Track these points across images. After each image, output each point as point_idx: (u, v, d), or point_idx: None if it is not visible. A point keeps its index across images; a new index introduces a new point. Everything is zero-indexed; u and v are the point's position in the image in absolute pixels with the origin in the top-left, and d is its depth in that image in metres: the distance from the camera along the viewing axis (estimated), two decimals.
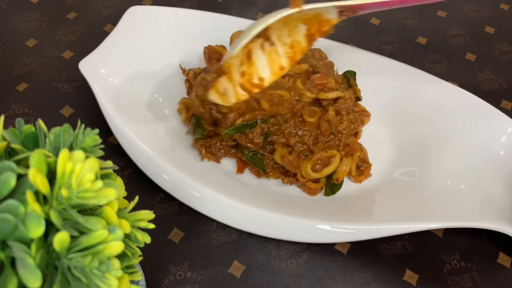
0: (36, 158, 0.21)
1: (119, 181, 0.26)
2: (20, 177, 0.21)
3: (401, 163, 0.44)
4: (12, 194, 0.21)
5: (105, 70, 0.46)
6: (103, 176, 0.25)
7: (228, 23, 0.49)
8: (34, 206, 0.20)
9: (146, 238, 0.26)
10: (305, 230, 0.38)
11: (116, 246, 0.21)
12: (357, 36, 0.57)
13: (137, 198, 0.27)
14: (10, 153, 0.24)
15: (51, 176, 0.22)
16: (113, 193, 0.22)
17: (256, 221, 0.39)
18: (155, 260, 0.38)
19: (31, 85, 0.51)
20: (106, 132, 0.44)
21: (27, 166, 0.21)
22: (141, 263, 0.36)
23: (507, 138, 0.42)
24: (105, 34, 0.55)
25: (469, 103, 0.44)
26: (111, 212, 0.23)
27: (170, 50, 0.50)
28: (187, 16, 0.51)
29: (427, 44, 0.57)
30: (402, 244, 0.40)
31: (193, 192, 0.40)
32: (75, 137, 0.25)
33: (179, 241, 0.40)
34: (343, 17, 0.37)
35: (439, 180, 0.41)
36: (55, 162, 0.22)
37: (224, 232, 0.40)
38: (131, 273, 0.26)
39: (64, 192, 0.21)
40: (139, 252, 0.27)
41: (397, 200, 0.40)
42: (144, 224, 0.26)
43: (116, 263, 0.22)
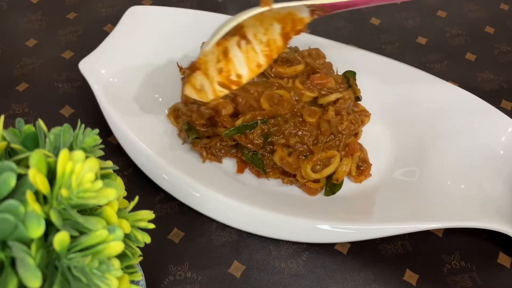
0: (36, 158, 0.21)
1: (119, 181, 0.26)
2: (20, 177, 0.21)
3: (401, 163, 0.44)
4: (12, 194, 0.21)
5: (105, 70, 0.46)
6: (103, 176, 0.25)
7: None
8: (34, 206, 0.20)
9: (146, 238, 0.26)
10: (305, 230, 0.38)
11: (116, 246, 0.21)
12: (357, 36, 0.57)
13: (137, 198, 0.27)
14: (10, 153, 0.24)
15: (51, 176, 0.22)
16: (113, 193, 0.22)
17: (256, 221, 0.39)
18: (155, 260, 0.38)
19: (31, 85, 0.51)
20: (106, 132, 0.45)
21: (27, 166, 0.21)
22: (141, 263, 0.36)
23: (507, 138, 0.42)
24: (105, 34, 0.55)
25: (469, 103, 0.44)
26: (111, 212, 0.23)
27: (170, 50, 0.50)
28: (187, 16, 0.51)
29: (427, 44, 0.57)
30: (402, 244, 0.40)
31: (193, 192, 0.40)
32: (75, 137, 0.25)
33: (179, 241, 0.40)
34: (315, 16, 0.39)
35: (439, 180, 0.41)
36: (55, 162, 0.22)
37: (224, 232, 0.40)
38: (131, 273, 0.26)
39: (64, 192, 0.21)
40: (139, 252, 0.27)
41: (397, 200, 0.40)
42: (144, 224, 0.26)
43: (116, 263, 0.22)
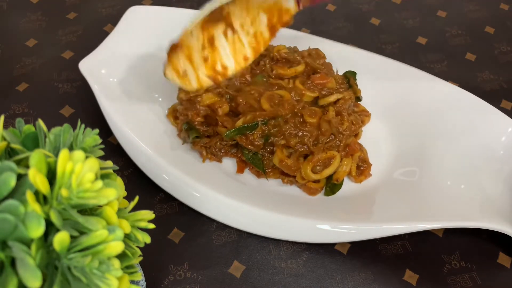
0: (36, 158, 0.21)
1: (119, 181, 0.26)
2: (20, 177, 0.21)
3: (401, 163, 0.44)
4: (12, 194, 0.21)
5: (105, 70, 0.46)
6: (103, 176, 0.25)
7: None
8: (34, 206, 0.20)
9: (146, 238, 0.26)
10: (305, 230, 0.38)
11: (116, 246, 0.21)
12: (357, 36, 0.57)
13: (137, 198, 0.27)
14: (10, 153, 0.24)
15: (51, 176, 0.22)
16: (113, 193, 0.22)
17: (256, 221, 0.39)
18: (155, 260, 0.38)
19: (31, 85, 0.51)
20: (106, 132, 0.45)
21: (27, 166, 0.21)
22: (141, 263, 0.36)
23: (507, 138, 0.42)
24: (105, 34, 0.55)
25: (469, 103, 0.44)
26: (111, 212, 0.23)
27: None
28: (187, 16, 0.51)
29: (427, 44, 0.57)
30: (402, 244, 0.40)
31: (193, 192, 0.40)
32: (75, 137, 0.25)
33: (179, 241, 0.40)
34: (301, 7, 0.39)
35: (439, 180, 0.41)
36: (55, 162, 0.22)
37: (224, 232, 0.40)
38: (131, 273, 0.26)
39: (64, 192, 0.21)
40: (139, 252, 0.27)
41: (397, 200, 0.40)
42: (144, 224, 0.26)
43: (116, 263, 0.22)
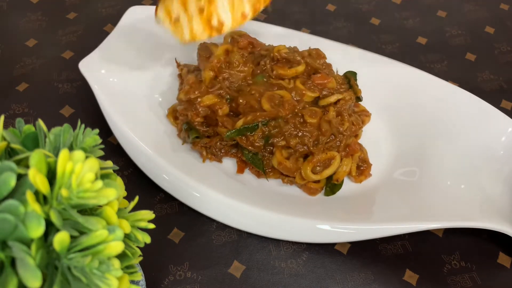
0: (36, 158, 0.21)
1: (119, 181, 0.26)
2: (20, 177, 0.21)
3: (401, 163, 0.44)
4: (12, 194, 0.21)
5: (105, 70, 0.46)
6: (103, 176, 0.25)
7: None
8: (34, 206, 0.20)
9: (146, 238, 0.26)
10: (305, 230, 0.38)
11: (116, 246, 0.21)
12: (357, 36, 0.57)
13: (137, 198, 0.27)
14: (10, 153, 0.24)
15: (51, 176, 0.22)
16: (113, 193, 0.22)
17: (256, 221, 0.39)
18: (155, 260, 0.38)
19: (31, 85, 0.51)
20: (106, 132, 0.45)
21: (27, 166, 0.21)
22: (141, 263, 0.36)
23: (507, 138, 0.42)
24: (105, 34, 0.55)
25: (469, 103, 0.44)
26: (111, 212, 0.23)
27: (170, 50, 0.50)
28: None
29: (427, 44, 0.57)
30: (402, 244, 0.40)
31: (193, 192, 0.40)
32: (75, 137, 0.25)
33: (179, 241, 0.40)
34: None
35: (439, 180, 0.41)
36: (55, 162, 0.22)
37: (224, 232, 0.40)
38: (131, 273, 0.26)
39: (64, 192, 0.21)
40: (139, 252, 0.27)
41: (397, 200, 0.40)
42: (144, 224, 0.26)
43: (116, 263, 0.22)
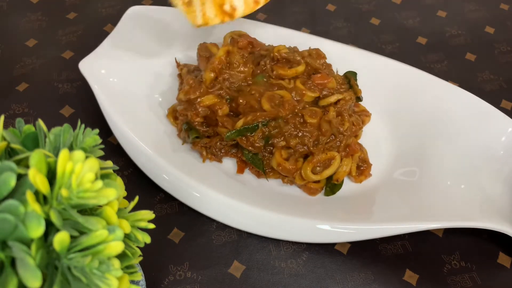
0: (36, 158, 0.21)
1: (119, 181, 0.26)
2: (20, 177, 0.21)
3: (401, 163, 0.44)
4: (12, 194, 0.21)
5: (105, 70, 0.46)
6: (103, 176, 0.25)
7: (228, 23, 0.49)
8: (34, 206, 0.20)
9: (146, 238, 0.26)
10: (305, 230, 0.38)
11: (116, 246, 0.21)
12: (357, 36, 0.57)
13: (137, 198, 0.27)
14: (10, 153, 0.24)
15: (51, 176, 0.22)
16: (113, 193, 0.22)
17: (256, 221, 0.39)
18: (155, 260, 0.38)
19: (31, 85, 0.51)
20: (106, 132, 0.45)
21: (27, 166, 0.21)
22: (141, 263, 0.36)
23: (507, 138, 0.42)
24: (105, 34, 0.55)
25: (469, 103, 0.44)
26: (111, 212, 0.23)
27: (170, 50, 0.50)
28: None
29: (427, 44, 0.57)
30: (402, 244, 0.40)
31: (193, 192, 0.40)
32: (75, 137, 0.25)
33: (179, 241, 0.40)
34: None
35: (439, 180, 0.41)
36: (55, 162, 0.22)
37: (224, 232, 0.40)
38: (131, 273, 0.26)
39: (64, 192, 0.21)
40: (139, 252, 0.27)
41: (397, 200, 0.40)
42: (144, 224, 0.26)
43: (116, 263, 0.22)
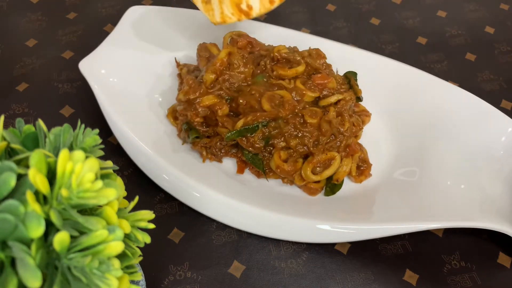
0: (36, 158, 0.21)
1: (119, 181, 0.26)
2: (20, 177, 0.21)
3: (401, 163, 0.44)
4: (12, 194, 0.21)
5: (105, 70, 0.46)
6: (103, 176, 0.25)
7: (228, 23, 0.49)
8: (34, 206, 0.20)
9: (146, 238, 0.26)
10: (305, 230, 0.38)
11: (116, 246, 0.21)
12: (357, 36, 0.57)
13: (137, 198, 0.27)
14: (10, 153, 0.24)
15: (51, 176, 0.22)
16: (113, 193, 0.22)
17: (256, 221, 0.39)
18: (155, 260, 0.38)
19: (31, 85, 0.51)
20: (106, 132, 0.45)
21: (27, 166, 0.21)
22: (141, 263, 0.36)
23: (507, 138, 0.42)
24: (105, 34, 0.55)
25: (469, 103, 0.44)
26: (111, 212, 0.23)
27: (170, 50, 0.50)
28: (187, 16, 0.51)
29: (427, 44, 0.57)
30: (402, 244, 0.40)
31: (193, 192, 0.40)
32: (75, 137, 0.25)
33: (179, 241, 0.40)
34: None
35: (439, 180, 0.41)
36: (55, 162, 0.22)
37: (224, 232, 0.40)
38: (131, 273, 0.26)
39: (64, 192, 0.21)
40: (139, 252, 0.27)
41: (397, 200, 0.40)
42: (144, 224, 0.26)
43: (116, 263, 0.22)
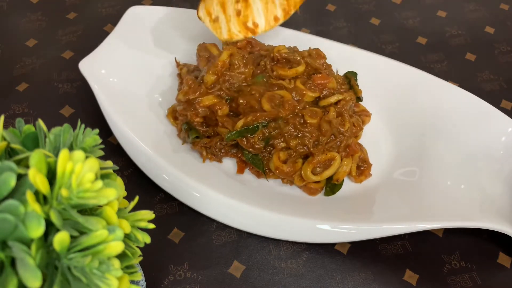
0: (36, 158, 0.21)
1: (119, 181, 0.26)
2: (20, 177, 0.21)
3: (401, 163, 0.44)
4: (12, 194, 0.21)
5: (105, 70, 0.46)
6: (103, 176, 0.25)
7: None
8: (34, 206, 0.20)
9: (146, 238, 0.26)
10: (305, 230, 0.38)
11: (116, 246, 0.21)
12: (357, 36, 0.57)
13: (137, 198, 0.27)
14: (10, 153, 0.24)
15: (51, 176, 0.22)
16: (113, 193, 0.22)
17: (256, 221, 0.39)
18: (155, 260, 0.38)
19: (31, 85, 0.51)
20: (106, 132, 0.45)
21: (27, 166, 0.21)
22: (141, 263, 0.36)
23: (507, 138, 0.42)
24: (105, 34, 0.55)
25: (469, 103, 0.44)
26: (111, 212, 0.23)
27: (170, 50, 0.50)
28: (187, 16, 0.51)
29: (427, 44, 0.57)
30: (402, 244, 0.40)
31: (193, 192, 0.40)
32: (75, 137, 0.25)
33: (179, 241, 0.40)
34: None
35: (439, 180, 0.41)
36: (55, 162, 0.22)
37: (224, 232, 0.40)
38: (131, 273, 0.26)
39: (64, 192, 0.21)
40: (139, 252, 0.27)
41: (397, 200, 0.40)
42: (144, 224, 0.26)
43: (116, 263, 0.22)
